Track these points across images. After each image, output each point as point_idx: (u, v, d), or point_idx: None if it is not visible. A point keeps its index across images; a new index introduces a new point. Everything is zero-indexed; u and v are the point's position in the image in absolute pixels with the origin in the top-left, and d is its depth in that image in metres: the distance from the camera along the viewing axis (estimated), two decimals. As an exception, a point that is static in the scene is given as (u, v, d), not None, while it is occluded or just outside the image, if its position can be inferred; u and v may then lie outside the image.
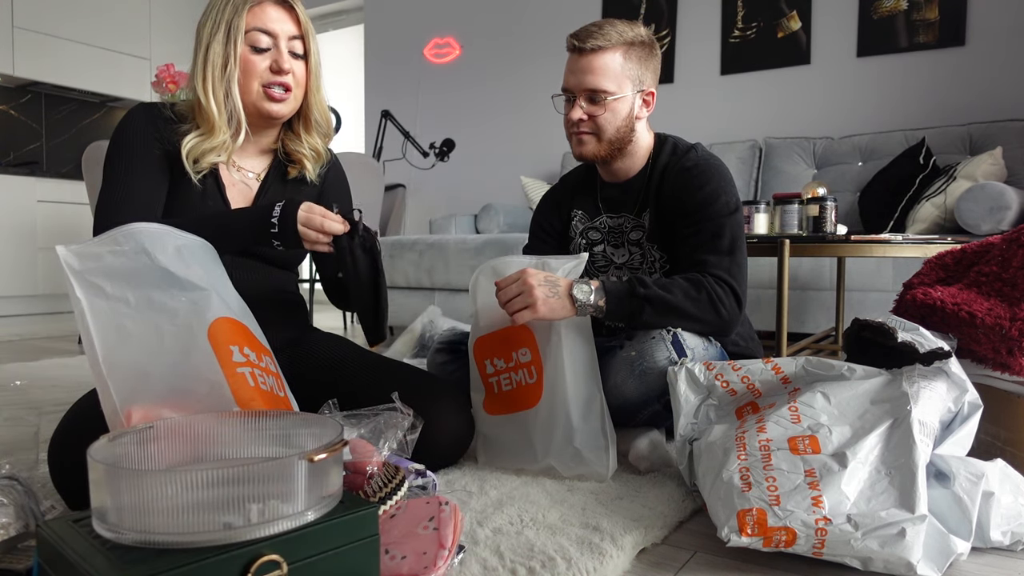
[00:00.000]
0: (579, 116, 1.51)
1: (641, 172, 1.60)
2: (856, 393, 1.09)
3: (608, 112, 1.50)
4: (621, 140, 1.54)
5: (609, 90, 1.49)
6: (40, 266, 4.81)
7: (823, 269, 2.80)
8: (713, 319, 1.41)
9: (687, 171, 1.53)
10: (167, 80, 3.03)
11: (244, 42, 1.29)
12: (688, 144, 1.61)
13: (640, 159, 1.60)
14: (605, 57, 1.48)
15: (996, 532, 1.01)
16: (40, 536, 0.75)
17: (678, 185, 1.53)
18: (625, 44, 1.49)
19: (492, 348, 1.46)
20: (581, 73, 1.49)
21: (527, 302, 1.31)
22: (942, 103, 3.44)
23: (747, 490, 1.00)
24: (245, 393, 0.98)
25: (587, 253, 1.59)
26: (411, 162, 4.77)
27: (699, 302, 1.39)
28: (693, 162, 1.54)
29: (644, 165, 1.60)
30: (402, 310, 3.34)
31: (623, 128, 1.53)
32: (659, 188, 1.56)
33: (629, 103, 1.52)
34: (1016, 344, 1.17)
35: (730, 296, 1.42)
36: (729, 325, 1.44)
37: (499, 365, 1.45)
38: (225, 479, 0.69)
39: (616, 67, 1.49)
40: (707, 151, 1.59)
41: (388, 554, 0.89)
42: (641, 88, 1.53)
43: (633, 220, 1.62)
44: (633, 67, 1.50)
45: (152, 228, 1.03)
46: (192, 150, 1.29)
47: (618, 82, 1.49)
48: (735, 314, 1.43)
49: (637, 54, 1.50)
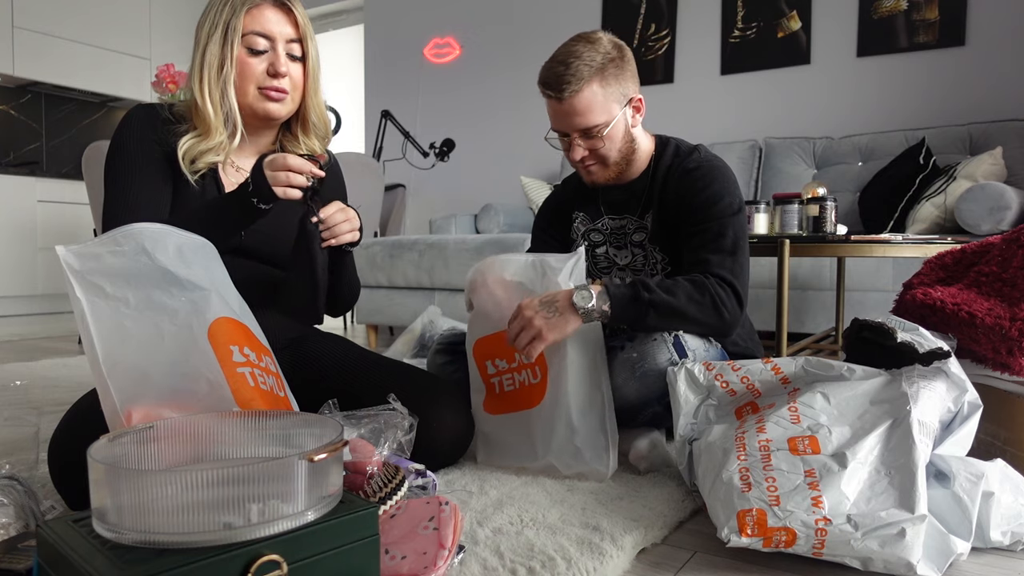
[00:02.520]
0: (580, 155, 1.51)
1: (643, 174, 1.60)
2: (856, 393, 1.09)
3: (607, 141, 1.50)
4: (626, 156, 1.55)
5: (601, 122, 1.47)
6: (40, 266, 4.81)
7: (823, 269, 2.80)
8: (715, 322, 1.41)
9: (691, 172, 1.52)
10: (167, 80, 3.03)
11: (241, 44, 1.28)
12: (691, 146, 1.61)
13: (642, 162, 1.60)
14: (584, 95, 1.45)
15: (996, 532, 1.01)
16: (40, 536, 0.75)
17: (682, 186, 1.53)
18: (597, 72, 1.45)
19: (494, 349, 1.46)
20: (567, 118, 1.48)
21: (532, 335, 1.31)
22: (942, 103, 3.44)
23: (747, 490, 1.00)
24: (245, 393, 0.98)
25: (583, 248, 1.55)
26: (411, 162, 4.77)
27: (702, 305, 1.39)
28: (696, 163, 1.54)
29: (646, 167, 1.60)
30: (402, 310, 3.34)
31: (625, 146, 1.53)
32: (663, 190, 1.56)
33: (622, 121, 1.51)
34: (1016, 344, 1.17)
35: (732, 298, 1.41)
36: (730, 327, 1.44)
37: (501, 365, 1.45)
38: (225, 479, 0.69)
39: (599, 99, 1.46)
40: (710, 152, 1.59)
41: (388, 554, 0.89)
42: (628, 100, 1.51)
43: (636, 222, 1.62)
44: (613, 88, 1.48)
45: (152, 228, 1.03)
46: (188, 151, 1.29)
47: (606, 110, 1.47)
48: (736, 316, 1.43)
49: (612, 73, 1.47)
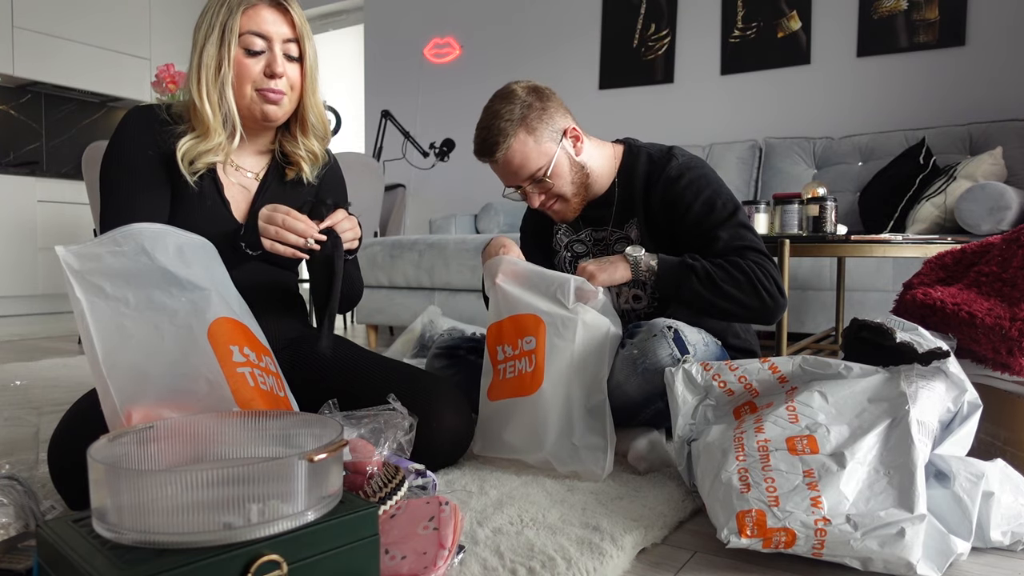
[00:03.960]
0: (539, 202, 1.55)
1: (612, 185, 1.60)
2: (853, 392, 1.09)
3: (556, 180, 1.51)
4: (582, 184, 1.56)
5: (540, 167, 1.49)
6: (40, 266, 4.81)
7: (823, 269, 2.80)
8: (756, 303, 1.41)
9: (674, 182, 1.51)
10: (167, 80, 3.03)
11: (238, 45, 1.28)
12: (663, 149, 1.59)
13: (605, 178, 1.60)
14: (515, 149, 1.47)
15: (996, 532, 1.01)
16: (40, 536, 0.75)
17: (669, 197, 1.52)
18: (520, 123, 1.46)
19: (503, 334, 1.47)
20: (510, 175, 1.51)
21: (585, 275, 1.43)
22: (942, 103, 3.44)
23: (746, 491, 1.00)
24: (245, 393, 0.98)
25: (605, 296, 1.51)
26: (411, 162, 4.77)
27: (739, 282, 1.40)
28: (678, 171, 1.52)
29: (613, 178, 1.60)
30: (402, 310, 3.34)
31: (576, 177, 1.54)
32: (646, 198, 1.55)
33: (564, 156, 1.51)
34: (1016, 344, 1.17)
35: (771, 279, 1.42)
36: (772, 308, 1.43)
37: (508, 352, 1.46)
38: (225, 479, 0.69)
39: (530, 147, 1.47)
40: (685, 152, 1.57)
41: (388, 554, 0.89)
42: (562, 134, 1.51)
43: (617, 232, 1.62)
44: (542, 131, 1.48)
45: (152, 228, 1.03)
46: (187, 152, 1.29)
47: (543, 153, 1.49)
48: (775, 297, 1.42)
49: (535, 118, 1.48)
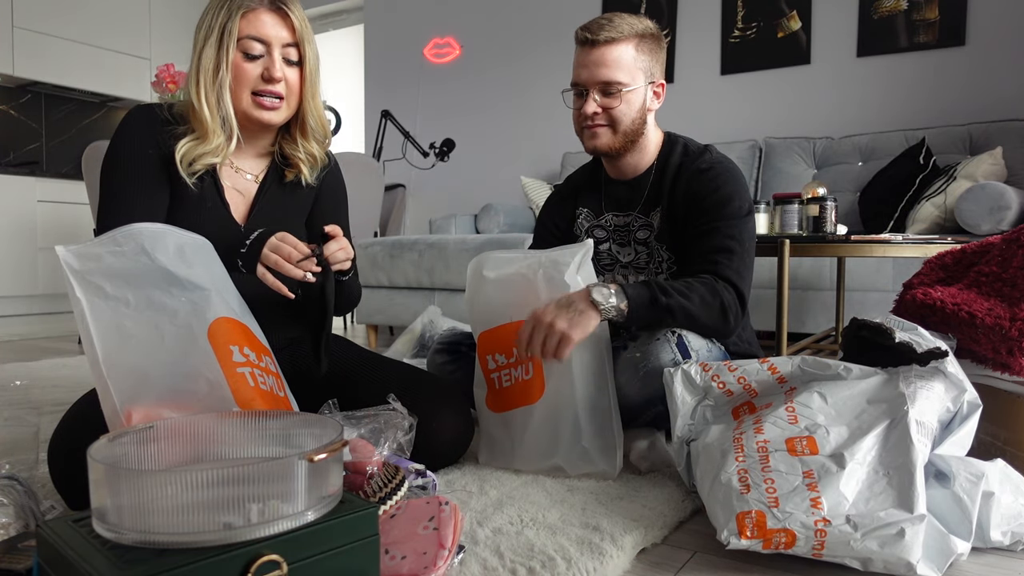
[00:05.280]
0: (593, 109, 1.51)
1: (648, 169, 1.60)
2: (853, 392, 1.09)
3: (623, 104, 1.51)
4: (635, 132, 1.55)
5: (623, 81, 1.49)
6: (40, 266, 4.81)
7: (823, 269, 2.80)
8: (720, 326, 1.43)
9: (703, 173, 1.53)
10: (167, 80, 3.03)
11: (237, 48, 1.27)
12: (700, 145, 1.61)
13: (649, 155, 1.60)
14: (618, 49, 1.48)
15: (996, 532, 1.01)
16: (40, 536, 0.75)
17: (693, 186, 1.53)
18: (637, 36, 1.49)
19: (494, 343, 1.46)
20: (594, 66, 1.49)
21: (557, 338, 1.26)
22: (942, 103, 3.44)
23: (746, 492, 1.00)
24: (245, 393, 0.98)
25: (590, 241, 1.49)
26: (411, 162, 4.77)
27: (711, 308, 1.40)
28: (708, 164, 1.54)
29: (652, 163, 1.60)
30: (402, 310, 3.34)
31: (637, 120, 1.53)
32: (672, 188, 1.56)
33: (642, 95, 1.52)
34: (1016, 344, 1.17)
35: (736, 302, 1.43)
36: (732, 331, 1.46)
37: (500, 360, 1.45)
38: (225, 479, 0.69)
39: (629, 59, 1.49)
40: (721, 153, 1.59)
41: (388, 554, 0.89)
42: (652, 80, 1.53)
43: (641, 219, 1.61)
44: (645, 59, 1.51)
45: (152, 228, 1.03)
46: (186, 154, 1.28)
47: (631, 74, 1.50)
48: (739, 319, 1.45)
49: (648, 46, 1.51)
